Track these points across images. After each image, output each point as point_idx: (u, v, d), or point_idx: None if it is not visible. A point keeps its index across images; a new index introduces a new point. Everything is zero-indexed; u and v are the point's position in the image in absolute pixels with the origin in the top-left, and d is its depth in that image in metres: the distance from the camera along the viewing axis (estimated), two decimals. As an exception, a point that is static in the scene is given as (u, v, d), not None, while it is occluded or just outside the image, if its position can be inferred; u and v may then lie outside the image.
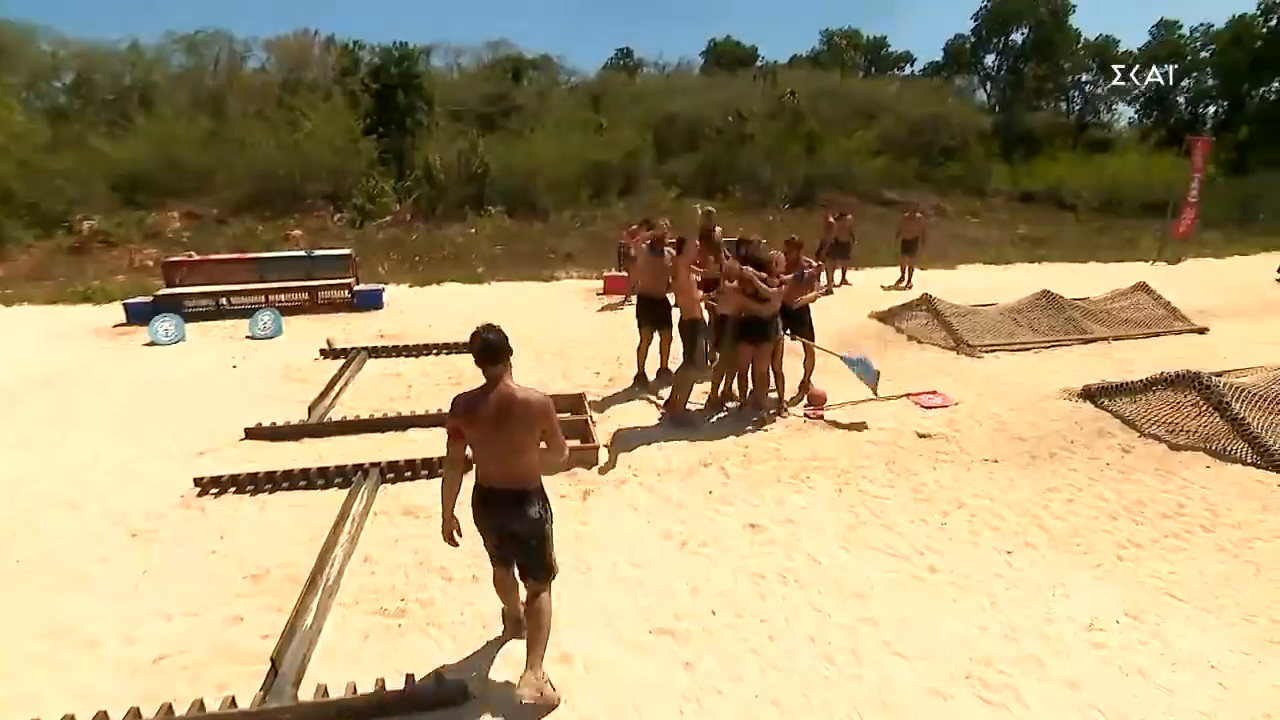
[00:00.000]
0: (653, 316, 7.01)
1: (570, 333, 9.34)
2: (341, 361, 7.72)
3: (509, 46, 34.92)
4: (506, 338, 2.94)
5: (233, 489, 4.87)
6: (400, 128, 20.10)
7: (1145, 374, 6.75)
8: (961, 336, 8.69)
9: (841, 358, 6.93)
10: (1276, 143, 29.85)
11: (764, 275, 6.03)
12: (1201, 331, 9.75)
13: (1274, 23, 32.30)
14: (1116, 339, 9.19)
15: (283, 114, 19.20)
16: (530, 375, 7.47)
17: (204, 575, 3.92)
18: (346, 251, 11.08)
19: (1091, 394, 6.88)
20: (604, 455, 5.46)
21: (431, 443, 5.55)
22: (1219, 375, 6.38)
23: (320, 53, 24.82)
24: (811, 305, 6.82)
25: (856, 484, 5.12)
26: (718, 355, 6.63)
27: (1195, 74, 36.72)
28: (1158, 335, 9.50)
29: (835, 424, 6.27)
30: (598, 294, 12.01)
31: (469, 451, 3.00)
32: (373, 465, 5.05)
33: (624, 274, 11.89)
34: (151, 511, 4.61)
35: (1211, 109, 36.62)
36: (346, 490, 4.74)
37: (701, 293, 6.41)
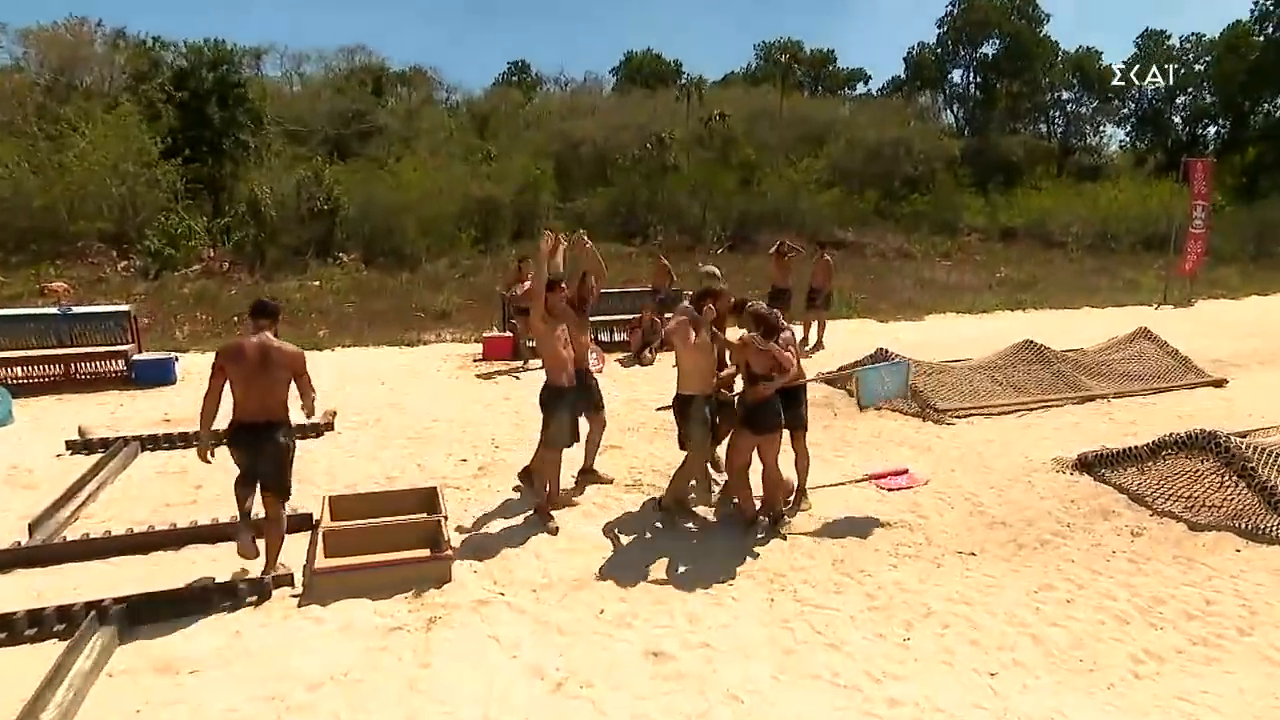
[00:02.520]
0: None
1: (434, 409, 9.03)
2: (98, 456, 7.13)
3: (367, 54, 35.59)
4: (280, 307, 5.04)
5: (-125, 652, 4.25)
6: (216, 150, 19.93)
7: (1152, 437, 6.96)
8: (928, 400, 8.86)
9: (857, 372, 7.02)
10: (1290, 164, 32.70)
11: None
12: (1219, 384, 10.26)
13: (1270, 29, 36.05)
14: (1117, 396, 9.56)
15: (45, 127, 18.68)
16: (372, 465, 7.24)
17: None
18: (124, 308, 10.51)
19: (1089, 464, 7.03)
20: (460, 568, 5.17)
21: (223, 561, 5.11)
22: (1242, 435, 6.62)
23: (105, 49, 24.30)
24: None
25: (794, 591, 5.03)
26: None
27: (1191, 89, 40.45)
28: (1166, 390, 9.94)
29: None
30: (474, 360, 11.72)
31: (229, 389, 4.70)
32: (116, 602, 4.51)
33: (509, 334, 11.73)
34: None
35: (1212, 129, 40.36)
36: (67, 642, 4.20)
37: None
